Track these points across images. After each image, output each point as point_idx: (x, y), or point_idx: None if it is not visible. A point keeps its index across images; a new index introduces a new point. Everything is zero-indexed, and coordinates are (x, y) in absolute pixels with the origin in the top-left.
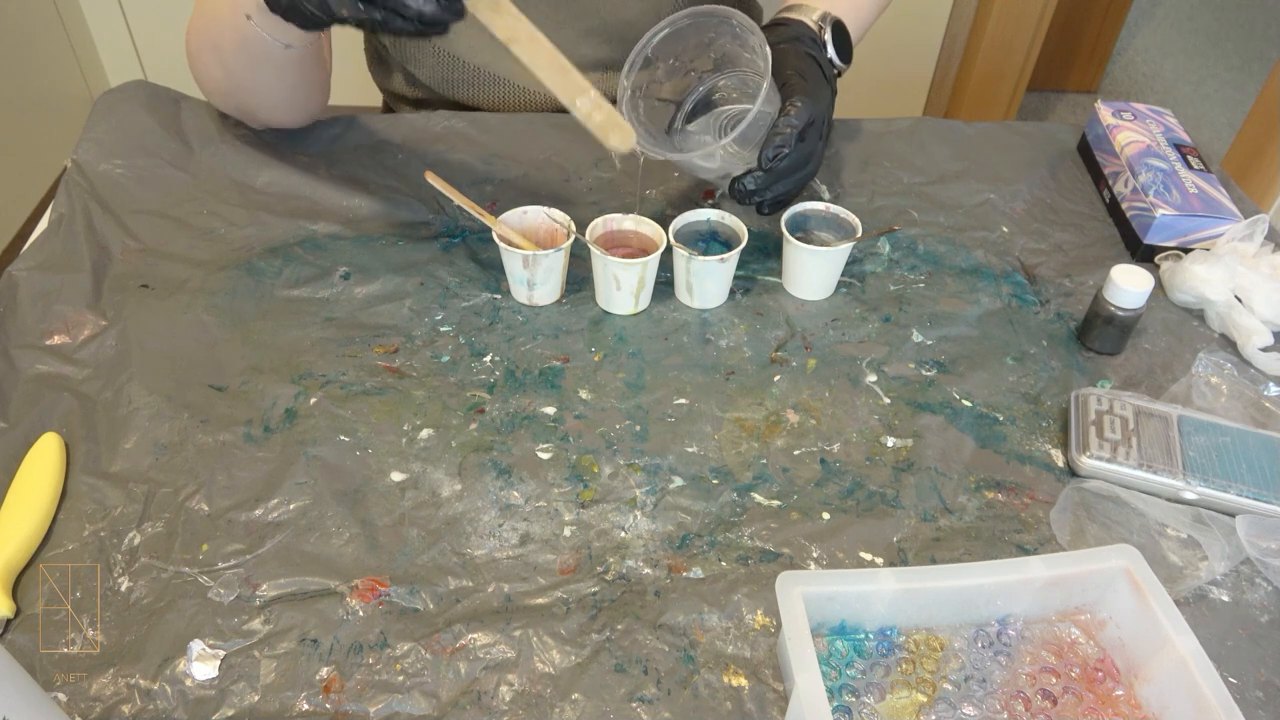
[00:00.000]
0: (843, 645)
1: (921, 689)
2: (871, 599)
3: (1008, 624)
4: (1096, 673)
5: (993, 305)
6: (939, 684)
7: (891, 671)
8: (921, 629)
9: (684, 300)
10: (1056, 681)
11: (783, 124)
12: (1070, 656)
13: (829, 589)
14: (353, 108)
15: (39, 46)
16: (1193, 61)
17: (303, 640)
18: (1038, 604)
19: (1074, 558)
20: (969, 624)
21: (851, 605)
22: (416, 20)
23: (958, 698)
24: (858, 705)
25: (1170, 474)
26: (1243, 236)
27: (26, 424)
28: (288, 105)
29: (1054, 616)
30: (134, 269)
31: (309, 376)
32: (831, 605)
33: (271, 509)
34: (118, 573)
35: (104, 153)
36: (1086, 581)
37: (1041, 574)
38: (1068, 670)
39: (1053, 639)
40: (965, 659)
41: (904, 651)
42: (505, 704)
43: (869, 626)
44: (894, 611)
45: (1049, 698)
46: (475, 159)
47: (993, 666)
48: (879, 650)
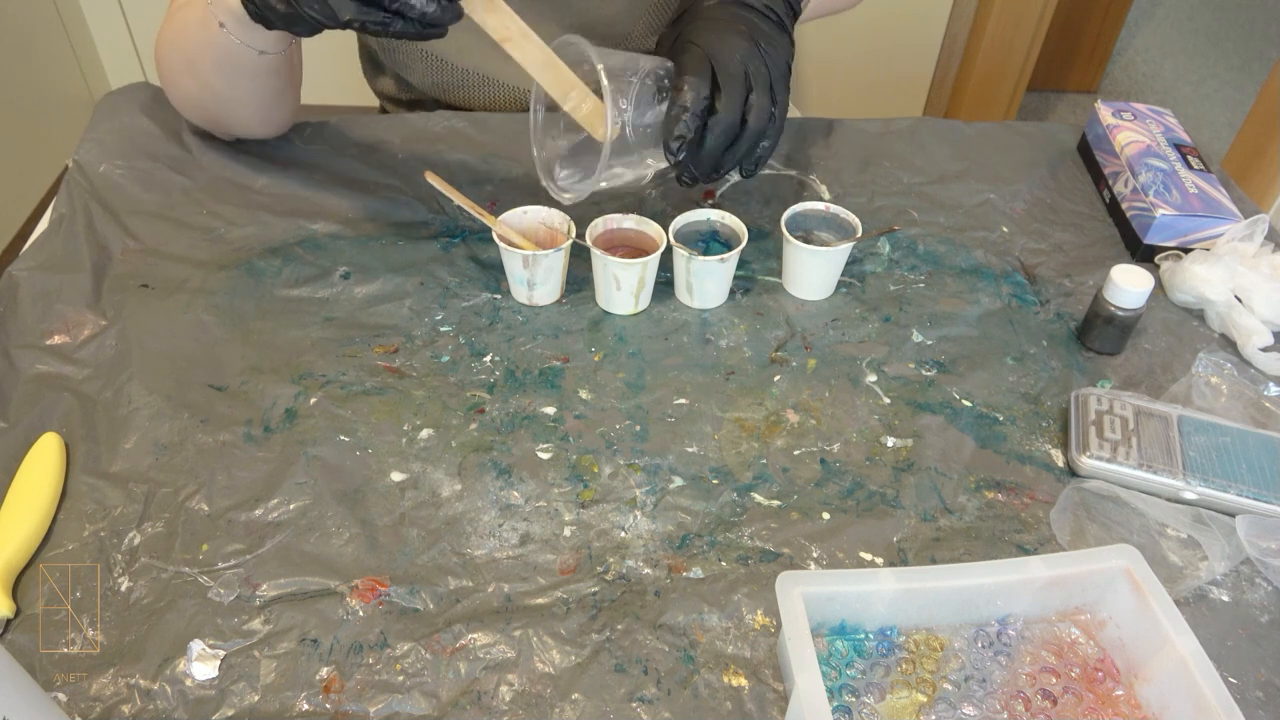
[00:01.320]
0: (843, 645)
1: (921, 689)
2: (871, 599)
3: (1008, 624)
4: (1096, 673)
5: (993, 305)
6: (939, 684)
7: (891, 671)
8: (921, 629)
9: (684, 300)
10: (1056, 681)
11: (675, 111)
12: (1070, 657)
13: (829, 589)
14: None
15: (39, 47)
16: (1193, 61)
17: (303, 640)
18: (1038, 604)
19: (1074, 558)
20: (969, 624)
21: (851, 605)
22: (419, 22)
23: (958, 698)
24: (858, 705)
25: (1170, 474)
26: (1243, 236)
27: (26, 424)
28: (261, 116)
29: (1054, 616)
30: (134, 269)
31: (309, 376)
32: (831, 605)
33: (271, 509)
34: (118, 573)
35: (105, 153)
36: (1086, 582)
37: (1041, 574)
38: (1068, 670)
39: (1053, 639)
40: (965, 659)
41: (904, 651)
42: (505, 704)
43: (869, 626)
44: (894, 612)
45: (1049, 698)
46: (475, 159)
47: (992, 666)
48: (879, 650)
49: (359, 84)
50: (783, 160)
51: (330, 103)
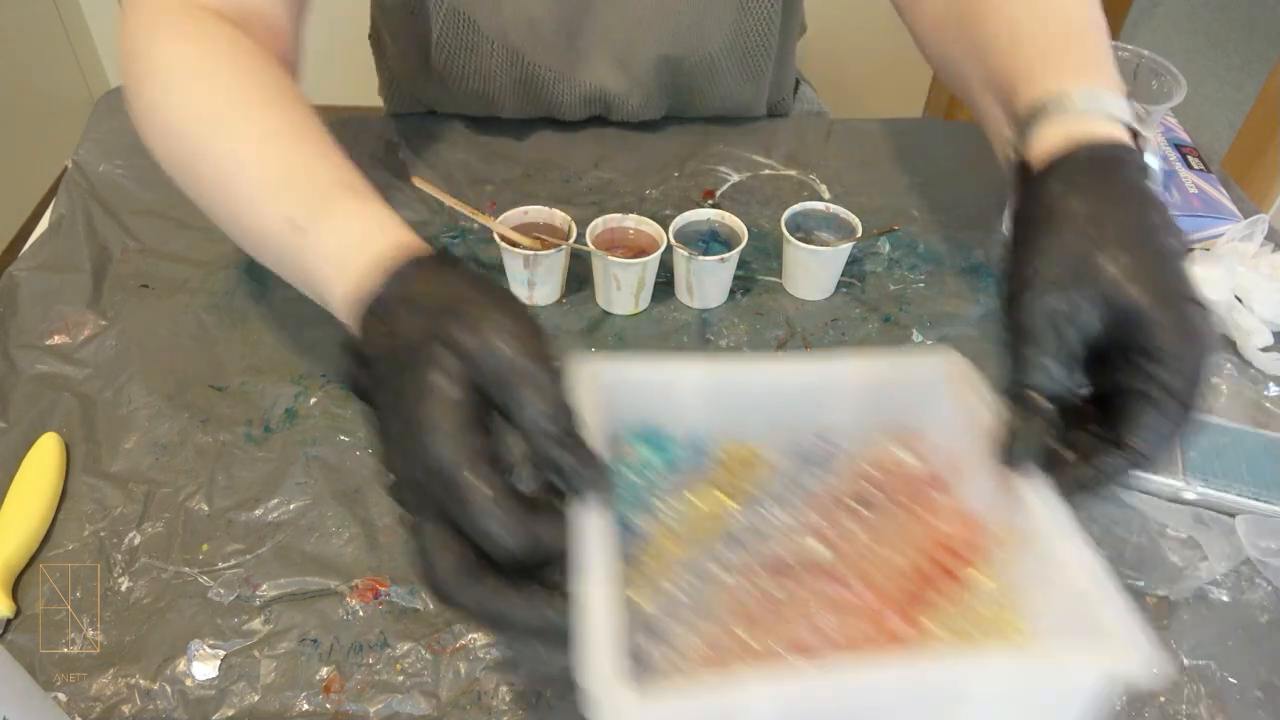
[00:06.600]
0: (649, 452)
1: (729, 493)
2: (680, 392)
3: (827, 437)
4: (920, 484)
5: (993, 305)
6: (749, 491)
7: (703, 480)
8: (735, 441)
9: (684, 300)
10: (876, 489)
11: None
12: (893, 470)
13: (630, 376)
14: (353, 108)
15: (39, 47)
16: (1193, 62)
17: (303, 640)
18: (858, 415)
19: (891, 360)
20: (786, 432)
21: (657, 404)
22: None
23: (770, 503)
24: (664, 507)
25: (1170, 474)
26: (1243, 236)
27: (26, 424)
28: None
29: (876, 433)
30: (134, 269)
31: (309, 376)
32: (636, 401)
33: (271, 509)
34: (118, 573)
35: (104, 153)
36: (908, 391)
37: (856, 369)
38: (889, 481)
39: (875, 454)
40: (781, 470)
41: (716, 463)
42: (505, 704)
43: (679, 434)
44: (707, 416)
45: (866, 504)
46: (475, 159)
47: (809, 479)
48: (691, 463)
49: (360, 84)
50: (783, 160)
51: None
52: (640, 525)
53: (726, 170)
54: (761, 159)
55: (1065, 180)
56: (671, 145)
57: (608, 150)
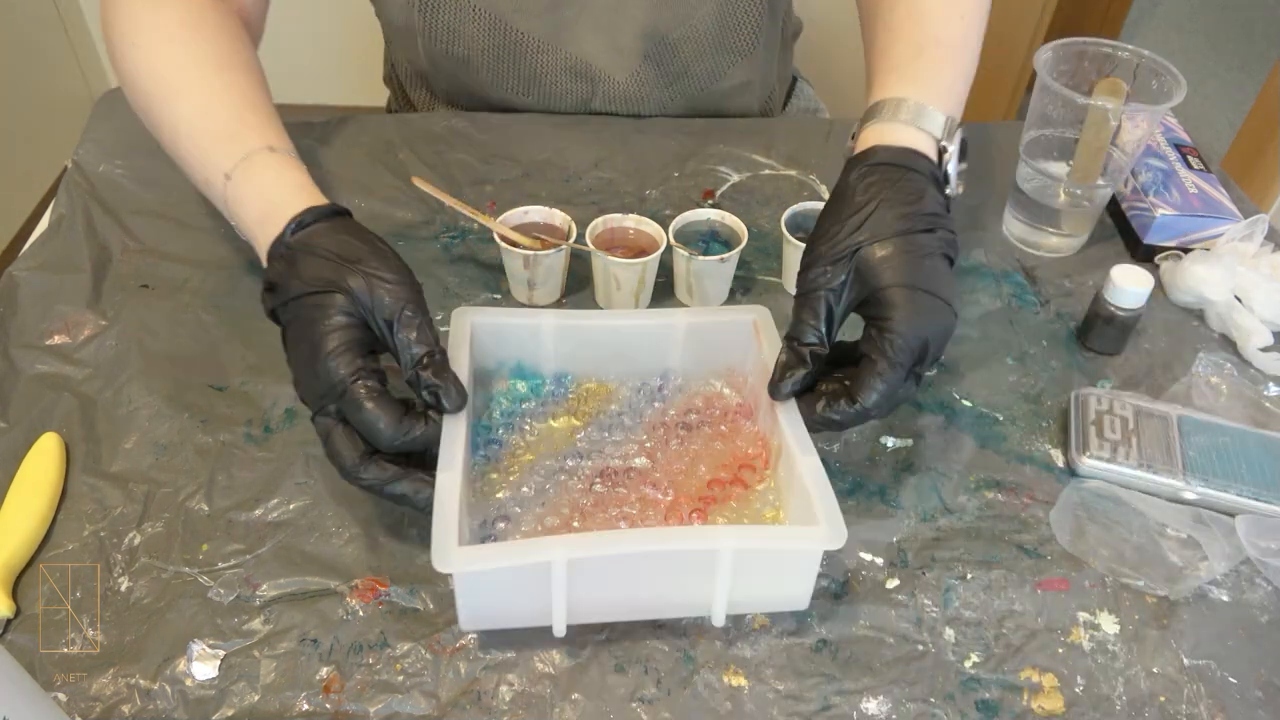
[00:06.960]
0: (522, 385)
1: (579, 418)
2: (540, 335)
3: (668, 377)
4: (735, 415)
5: (992, 305)
6: (596, 416)
7: (562, 408)
8: (596, 381)
9: (684, 300)
10: (697, 417)
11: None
12: (716, 402)
13: (497, 320)
14: (353, 108)
15: (39, 46)
16: (1193, 62)
17: (303, 640)
18: (690, 359)
19: (712, 312)
20: (635, 376)
21: (525, 343)
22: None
23: (609, 426)
24: (520, 424)
25: (1170, 474)
26: (1243, 236)
27: (26, 424)
28: None
29: (706, 374)
30: (134, 269)
31: None
32: (505, 342)
33: (271, 509)
34: (118, 573)
35: (104, 153)
36: (726, 336)
37: (683, 321)
38: (710, 411)
39: (703, 390)
40: (626, 401)
41: (575, 396)
42: (505, 704)
43: (549, 372)
44: (567, 358)
45: (688, 428)
46: (475, 159)
47: (647, 408)
48: (554, 395)
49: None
50: (783, 160)
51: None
52: (508, 439)
53: (726, 170)
54: (761, 159)
55: (859, 175)
56: (671, 145)
57: (608, 150)
